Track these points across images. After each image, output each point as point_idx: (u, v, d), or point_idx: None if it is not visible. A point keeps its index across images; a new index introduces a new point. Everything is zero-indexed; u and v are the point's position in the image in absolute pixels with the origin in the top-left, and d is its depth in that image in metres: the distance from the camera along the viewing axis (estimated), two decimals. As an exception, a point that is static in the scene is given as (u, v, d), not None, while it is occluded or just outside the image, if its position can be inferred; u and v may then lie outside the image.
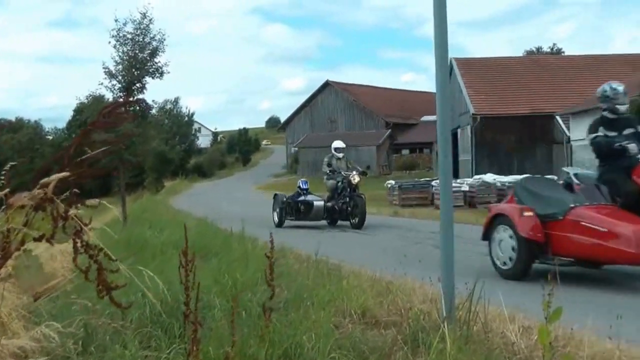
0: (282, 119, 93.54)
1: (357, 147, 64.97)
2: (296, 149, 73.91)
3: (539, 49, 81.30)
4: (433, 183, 29.52)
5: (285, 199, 19.73)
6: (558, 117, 39.31)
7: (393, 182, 32.84)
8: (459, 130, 45.11)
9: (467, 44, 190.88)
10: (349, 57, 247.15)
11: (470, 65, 46.11)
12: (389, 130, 67.27)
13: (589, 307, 6.69)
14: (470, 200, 27.21)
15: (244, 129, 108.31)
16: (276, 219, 19.80)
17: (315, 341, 4.26)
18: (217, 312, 5.02)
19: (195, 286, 3.30)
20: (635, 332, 5.20)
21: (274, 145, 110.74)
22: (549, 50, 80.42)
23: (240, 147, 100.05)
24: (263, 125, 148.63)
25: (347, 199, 18.47)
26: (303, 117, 77.58)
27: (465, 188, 27.83)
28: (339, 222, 18.97)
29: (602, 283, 8.77)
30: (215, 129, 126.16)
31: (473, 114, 40.65)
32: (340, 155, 19.71)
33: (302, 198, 19.51)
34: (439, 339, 4.18)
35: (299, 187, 20.13)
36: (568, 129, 38.38)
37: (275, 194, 20.72)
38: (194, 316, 3.11)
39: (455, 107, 45.51)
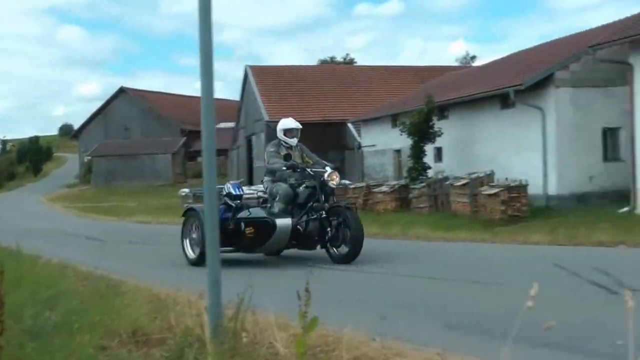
0: (77, 126, 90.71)
1: (152, 155, 64.18)
2: (89, 157, 71.80)
3: (332, 59, 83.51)
4: (227, 190, 29.55)
5: None
6: (350, 125, 40.53)
7: (188, 190, 32.38)
8: (253, 137, 45.51)
9: (263, 51, 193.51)
10: (145, 63, 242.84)
11: (265, 72, 46.64)
12: (185, 138, 66.77)
13: (357, 308, 6.91)
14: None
15: (35, 136, 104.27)
16: (191, 252, 12.06)
17: (75, 367, 4.09)
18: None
19: None
20: (400, 330, 5.34)
21: (67, 153, 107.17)
22: (342, 60, 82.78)
23: (31, 156, 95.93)
24: (56, 132, 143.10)
25: (323, 212, 11.17)
26: (97, 125, 75.63)
27: (260, 194, 28.00)
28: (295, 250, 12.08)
29: (369, 283, 9.06)
30: (4, 137, 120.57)
31: (267, 121, 41.04)
32: (294, 142, 12.34)
33: (246, 213, 11.65)
34: (203, 354, 4.14)
35: (228, 194, 11.84)
36: (359, 135, 39.67)
37: (190, 208, 12.40)
38: None
39: (250, 114, 45.89)
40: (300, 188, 11.61)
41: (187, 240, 12.16)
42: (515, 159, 24.92)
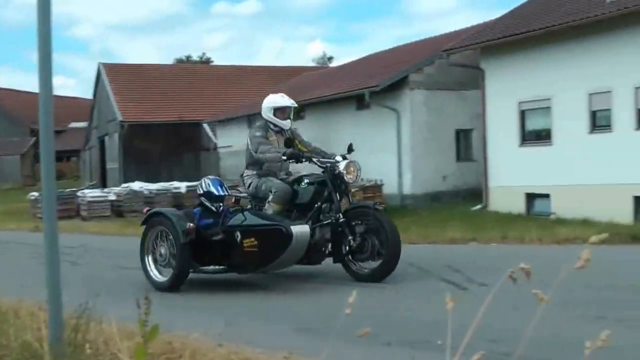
0: None
1: (-1, 157, 61.74)
2: None
3: (188, 58, 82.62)
4: (79, 193, 28.73)
5: (190, 225, 8.51)
6: (205, 125, 40.16)
7: (37, 193, 31.28)
8: (106, 138, 44.37)
9: (118, 48, 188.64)
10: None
11: (118, 71, 45.53)
12: (34, 138, 64.36)
13: (204, 314, 6.85)
14: (117, 210, 26.79)
15: None
16: (157, 274, 8.93)
17: None
18: None
19: None
20: (249, 334, 5.38)
21: None
22: (198, 59, 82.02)
23: None
24: None
25: (340, 216, 8.66)
26: (-63, 125, 72.01)
27: (113, 197, 27.41)
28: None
29: (219, 288, 8.92)
30: None
31: (121, 121, 40.05)
32: (287, 124, 9.66)
33: (240, 219, 8.43)
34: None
35: (207, 193, 9.12)
36: (215, 136, 39.40)
37: (154, 213, 9.29)
38: None
39: (103, 114, 44.76)
40: (302, 184, 9.15)
41: (150, 258, 9.00)
42: (371, 159, 25.20)
